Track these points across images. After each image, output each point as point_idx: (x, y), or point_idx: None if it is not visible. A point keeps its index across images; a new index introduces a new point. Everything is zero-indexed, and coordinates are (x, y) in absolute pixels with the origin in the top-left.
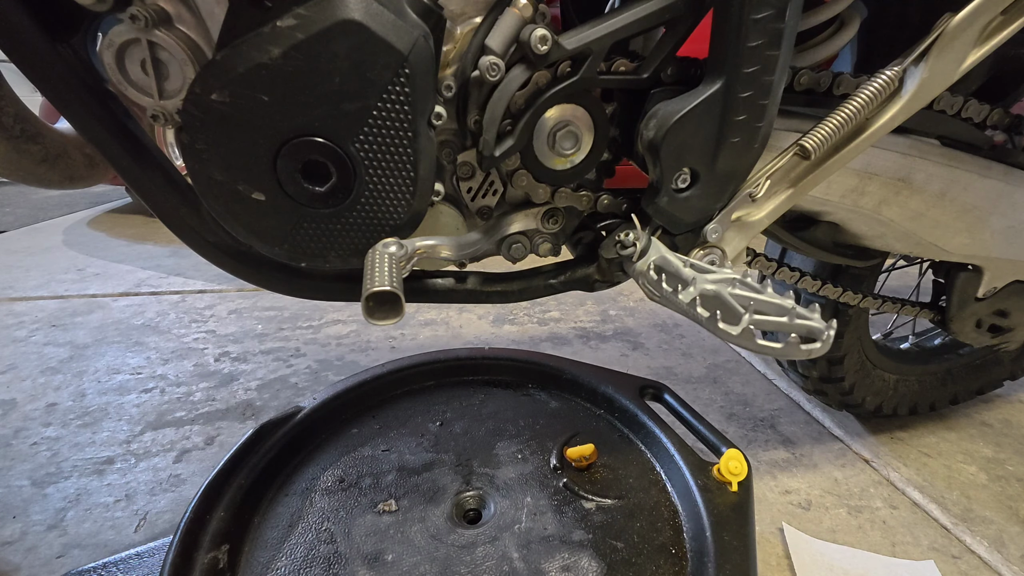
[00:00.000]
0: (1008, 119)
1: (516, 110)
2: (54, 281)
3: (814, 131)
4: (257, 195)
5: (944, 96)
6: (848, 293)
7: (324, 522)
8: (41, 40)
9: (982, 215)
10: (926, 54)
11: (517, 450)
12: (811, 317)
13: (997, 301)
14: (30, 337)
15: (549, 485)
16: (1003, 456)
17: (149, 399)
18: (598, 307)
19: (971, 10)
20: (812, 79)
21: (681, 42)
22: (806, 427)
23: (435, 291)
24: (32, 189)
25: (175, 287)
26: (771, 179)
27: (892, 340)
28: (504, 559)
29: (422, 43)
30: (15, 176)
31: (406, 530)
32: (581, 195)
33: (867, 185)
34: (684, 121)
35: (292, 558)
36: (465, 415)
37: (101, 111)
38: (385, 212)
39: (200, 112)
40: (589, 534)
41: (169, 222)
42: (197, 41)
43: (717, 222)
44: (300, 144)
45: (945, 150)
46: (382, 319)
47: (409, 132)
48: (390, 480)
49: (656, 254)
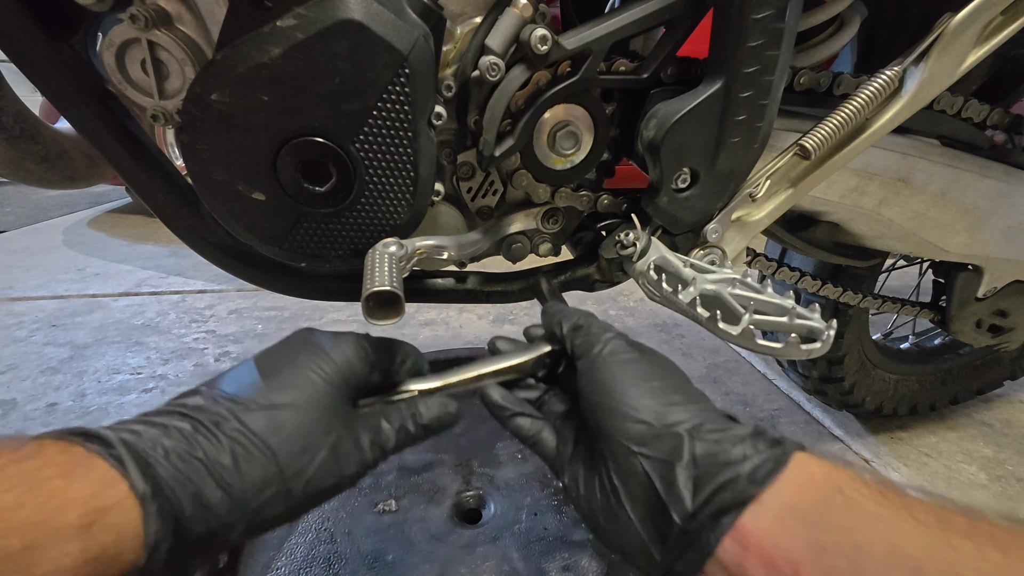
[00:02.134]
0: (1008, 119)
1: (516, 110)
2: (54, 281)
3: (814, 131)
4: (257, 195)
5: (944, 96)
6: (848, 293)
7: (324, 522)
8: (41, 40)
9: (982, 215)
10: (926, 54)
11: (517, 450)
12: (811, 317)
13: (997, 301)
14: (30, 337)
15: (549, 485)
16: (1003, 456)
17: (149, 399)
18: (598, 307)
19: (971, 10)
20: (812, 79)
21: (681, 42)
22: (806, 427)
23: (435, 291)
24: (32, 189)
25: (175, 287)
26: (771, 179)
27: (892, 340)
28: (504, 559)
29: (422, 43)
30: (15, 176)
31: (406, 530)
32: (581, 195)
33: (867, 185)
34: (684, 121)
35: (292, 558)
36: (465, 415)
37: (101, 111)
38: (385, 212)
39: (200, 112)
40: (589, 534)
41: (169, 222)
42: (197, 41)
43: (717, 222)
44: (300, 144)
45: (945, 150)
46: (382, 319)
47: (409, 132)
48: (390, 480)
49: (656, 254)
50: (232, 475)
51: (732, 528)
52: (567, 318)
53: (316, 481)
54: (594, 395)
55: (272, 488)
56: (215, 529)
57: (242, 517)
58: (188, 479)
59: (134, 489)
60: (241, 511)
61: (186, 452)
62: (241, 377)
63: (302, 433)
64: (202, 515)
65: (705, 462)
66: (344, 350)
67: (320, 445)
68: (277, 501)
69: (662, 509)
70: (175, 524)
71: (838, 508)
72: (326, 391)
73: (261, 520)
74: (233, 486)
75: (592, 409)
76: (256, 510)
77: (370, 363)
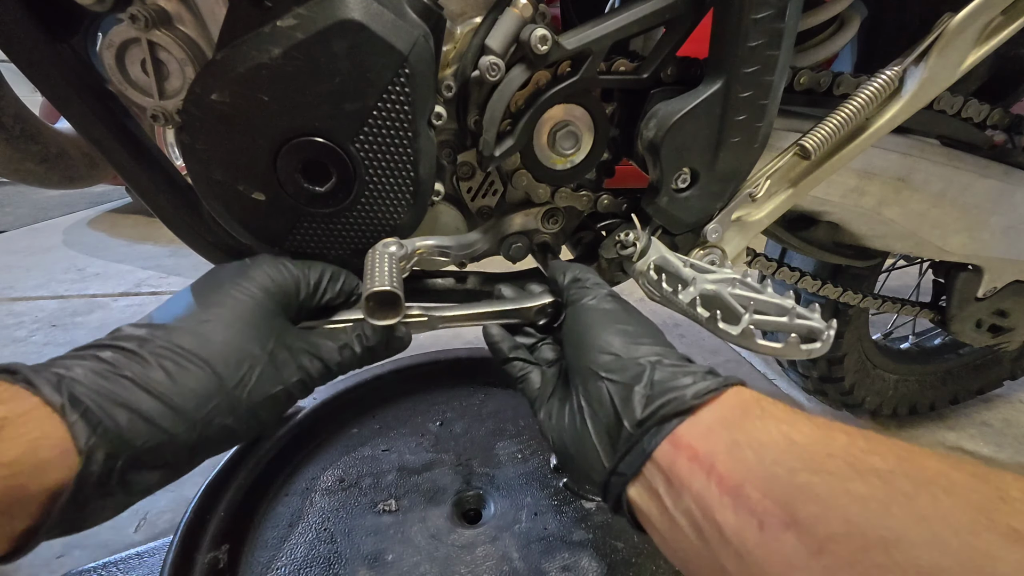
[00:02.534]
0: (1008, 119)
1: (516, 110)
2: (54, 281)
3: (814, 131)
4: (257, 195)
5: (944, 96)
6: (848, 293)
7: (324, 522)
8: (41, 40)
9: (982, 215)
10: (926, 54)
11: (517, 450)
12: (811, 317)
13: (997, 301)
14: (30, 337)
15: (549, 485)
16: (1003, 456)
17: None
18: None
19: (971, 10)
20: (812, 79)
21: (681, 42)
22: None
23: (435, 291)
24: (32, 189)
25: (175, 287)
26: (771, 179)
27: (892, 340)
28: (504, 559)
29: (422, 43)
30: (15, 176)
31: (406, 530)
32: (581, 195)
33: (867, 185)
34: (684, 121)
35: (292, 558)
36: (465, 415)
37: (101, 111)
38: (385, 212)
39: (200, 112)
40: (589, 534)
41: (169, 222)
42: (197, 41)
43: (717, 222)
44: (300, 144)
45: (945, 150)
46: (382, 319)
47: (409, 132)
48: (390, 480)
49: (656, 254)
50: (166, 386)
51: (671, 435)
52: (570, 270)
53: (259, 389)
54: (575, 334)
55: (215, 399)
56: (160, 440)
57: (189, 428)
58: (113, 392)
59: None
60: (186, 421)
61: (108, 371)
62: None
63: (234, 345)
64: (141, 427)
65: (659, 386)
66: (262, 267)
67: (255, 355)
68: (224, 411)
69: (618, 422)
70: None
71: (754, 416)
72: (249, 305)
73: (212, 433)
74: (170, 396)
75: (572, 345)
76: (204, 421)
77: (293, 277)
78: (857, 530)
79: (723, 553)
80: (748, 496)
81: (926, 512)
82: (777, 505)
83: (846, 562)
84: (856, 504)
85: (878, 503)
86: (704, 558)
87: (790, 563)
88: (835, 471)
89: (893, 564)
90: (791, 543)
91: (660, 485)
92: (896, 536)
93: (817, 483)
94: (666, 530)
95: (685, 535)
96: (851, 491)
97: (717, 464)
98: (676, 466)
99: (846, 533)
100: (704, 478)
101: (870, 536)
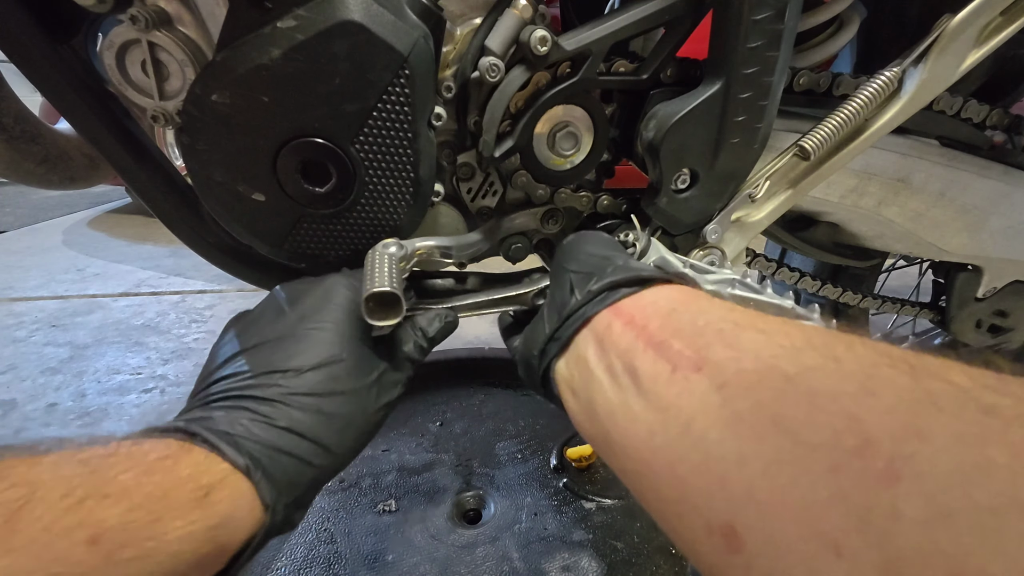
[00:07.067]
0: (1008, 119)
1: (516, 111)
2: (54, 281)
3: (814, 132)
4: (257, 196)
5: (944, 96)
6: (848, 293)
7: (324, 522)
8: (41, 40)
9: (981, 215)
10: (926, 55)
11: (517, 450)
12: (811, 317)
13: (997, 301)
14: (30, 337)
15: (549, 485)
16: None
17: (149, 399)
18: None
19: (971, 11)
20: (811, 80)
21: (681, 43)
22: None
23: (435, 291)
24: (32, 189)
25: (175, 287)
26: (771, 180)
27: (892, 340)
28: (504, 559)
29: (422, 44)
30: (15, 176)
31: (406, 530)
32: (581, 196)
33: (867, 185)
34: (684, 122)
35: (292, 558)
36: (465, 415)
37: (101, 111)
38: (385, 213)
39: (200, 113)
40: (589, 534)
41: (169, 222)
42: (197, 42)
43: (717, 223)
44: (300, 145)
45: (945, 150)
46: (382, 319)
47: (409, 133)
48: (390, 480)
49: (656, 255)
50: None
51: (614, 304)
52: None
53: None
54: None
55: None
56: (319, 477)
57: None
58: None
59: (234, 464)
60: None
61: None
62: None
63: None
64: (306, 471)
65: (620, 271)
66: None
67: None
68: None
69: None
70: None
71: (700, 299)
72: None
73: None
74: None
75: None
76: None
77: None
78: (764, 366)
79: (635, 401)
80: (670, 346)
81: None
82: (693, 350)
83: (744, 389)
84: (771, 349)
85: (795, 351)
86: (617, 414)
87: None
88: (764, 329)
89: (790, 388)
90: (699, 381)
91: (590, 348)
92: (799, 370)
93: (741, 335)
94: (582, 389)
95: (602, 391)
96: (773, 342)
97: (650, 325)
98: (610, 329)
99: (753, 369)
100: (633, 337)
101: (776, 370)
